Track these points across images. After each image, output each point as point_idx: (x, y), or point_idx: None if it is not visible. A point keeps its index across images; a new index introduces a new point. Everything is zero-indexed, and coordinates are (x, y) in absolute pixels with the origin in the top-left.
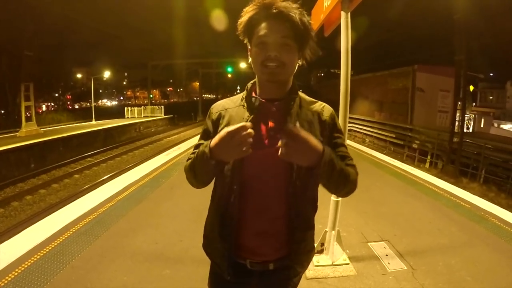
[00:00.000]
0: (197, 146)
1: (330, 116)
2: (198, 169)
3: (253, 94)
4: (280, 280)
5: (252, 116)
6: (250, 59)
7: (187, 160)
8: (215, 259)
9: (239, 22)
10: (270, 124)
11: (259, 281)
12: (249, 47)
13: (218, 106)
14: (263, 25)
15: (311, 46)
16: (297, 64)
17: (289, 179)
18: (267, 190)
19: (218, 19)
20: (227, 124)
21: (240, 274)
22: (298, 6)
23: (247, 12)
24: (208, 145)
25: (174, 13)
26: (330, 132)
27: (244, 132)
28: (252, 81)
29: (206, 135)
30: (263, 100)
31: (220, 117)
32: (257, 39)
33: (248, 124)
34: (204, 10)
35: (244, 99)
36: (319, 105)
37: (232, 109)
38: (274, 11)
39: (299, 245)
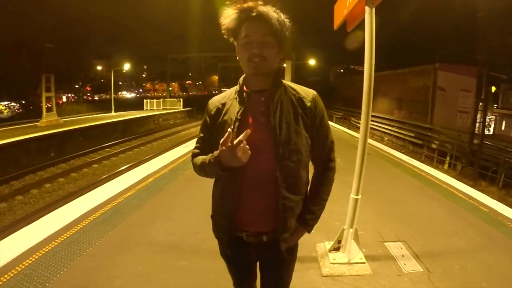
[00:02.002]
0: (199, 140)
1: (312, 100)
2: (209, 172)
3: (244, 88)
4: (273, 252)
5: (242, 108)
6: (237, 56)
7: (192, 155)
8: (219, 236)
9: (222, 24)
10: (260, 112)
11: (257, 254)
12: (236, 45)
13: (215, 102)
14: (246, 26)
15: (288, 44)
16: (279, 57)
17: (278, 161)
18: (260, 170)
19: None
20: (225, 115)
21: (238, 246)
22: (275, 9)
23: (229, 16)
24: (216, 158)
25: (192, 6)
26: (313, 117)
27: (235, 141)
28: (243, 76)
29: (206, 128)
30: (247, 91)
31: (217, 111)
32: (242, 39)
33: (230, 131)
34: (223, 3)
35: (236, 93)
36: (303, 91)
37: (227, 103)
38: (255, 14)
39: (287, 220)
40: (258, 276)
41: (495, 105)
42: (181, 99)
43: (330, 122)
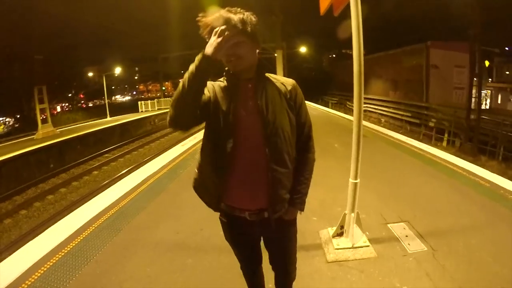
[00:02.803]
0: None
1: (292, 85)
2: (190, 80)
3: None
4: (275, 226)
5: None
6: None
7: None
8: (206, 197)
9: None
10: (248, 96)
11: (260, 230)
12: None
13: (209, 85)
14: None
15: (258, 34)
16: (255, 50)
17: (266, 137)
18: (252, 147)
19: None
20: (215, 97)
21: (241, 226)
22: (238, 9)
23: (204, 32)
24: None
25: (180, 4)
26: (294, 101)
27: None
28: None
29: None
30: (236, 78)
31: (214, 87)
32: None
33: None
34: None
35: (225, 80)
36: (284, 79)
37: (221, 85)
38: (220, 18)
39: (278, 191)
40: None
41: (490, 79)
42: None
43: (326, 108)
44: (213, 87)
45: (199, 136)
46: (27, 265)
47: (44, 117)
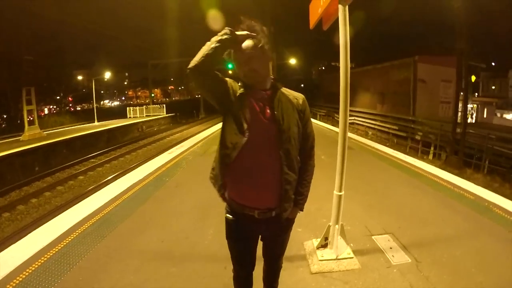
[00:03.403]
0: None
1: (302, 100)
2: (213, 43)
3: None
4: (278, 224)
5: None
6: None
7: None
8: (216, 186)
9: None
10: (265, 105)
11: (265, 227)
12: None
13: (235, 85)
14: (233, 49)
15: (270, 46)
16: (270, 64)
17: (281, 143)
18: (265, 152)
19: (215, 16)
20: (237, 98)
21: (248, 223)
22: (254, 23)
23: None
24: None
25: (170, 12)
26: (303, 114)
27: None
28: None
29: (227, 83)
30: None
31: (234, 88)
32: (234, 60)
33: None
34: (201, 6)
35: (243, 88)
36: (296, 94)
37: (237, 91)
38: (238, 36)
39: (288, 192)
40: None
41: (476, 94)
42: (164, 105)
43: (314, 120)
44: (232, 87)
45: (186, 144)
46: (8, 269)
47: (31, 118)
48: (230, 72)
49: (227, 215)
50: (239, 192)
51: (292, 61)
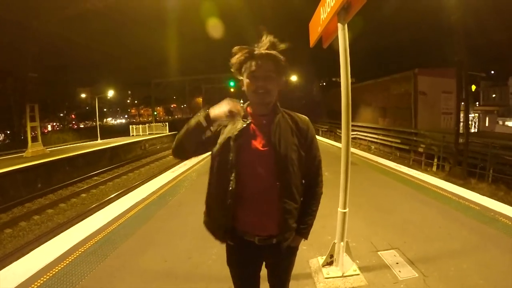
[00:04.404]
0: None
1: (305, 123)
2: (190, 130)
3: (248, 109)
4: (280, 251)
5: (245, 124)
6: (244, 88)
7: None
8: (215, 231)
9: (232, 62)
10: (262, 131)
11: (266, 255)
12: (241, 78)
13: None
14: (253, 63)
15: (286, 78)
16: (278, 89)
17: (278, 173)
18: (262, 181)
19: (218, 33)
20: (229, 131)
21: (249, 249)
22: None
23: (240, 56)
24: (206, 110)
25: (173, 31)
26: (305, 137)
27: (235, 110)
28: (247, 103)
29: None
30: (252, 114)
31: (219, 129)
32: (249, 73)
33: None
34: (203, 25)
35: (241, 116)
36: (297, 116)
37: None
38: (263, 53)
39: (288, 221)
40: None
41: (477, 103)
42: (167, 123)
43: (317, 136)
44: (225, 129)
45: (189, 163)
46: (10, 286)
47: (35, 135)
48: (232, 90)
49: (228, 241)
50: (240, 219)
51: (293, 78)
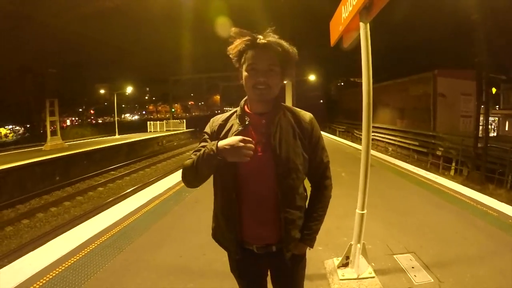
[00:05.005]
0: (198, 150)
1: (309, 122)
2: (200, 165)
3: (246, 108)
4: (283, 261)
5: (241, 128)
6: (242, 81)
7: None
8: (224, 243)
9: (229, 49)
10: (261, 132)
11: (267, 263)
12: (240, 69)
13: (218, 119)
14: (253, 54)
15: (293, 71)
16: (280, 84)
17: (278, 179)
18: (261, 187)
19: (233, 31)
20: (227, 133)
21: (249, 258)
22: (279, 37)
23: (240, 44)
24: (216, 144)
25: (190, 28)
26: (310, 138)
27: (249, 144)
28: (245, 98)
29: (205, 142)
30: (249, 113)
31: (220, 127)
32: (248, 66)
33: (250, 139)
34: (220, 24)
35: (238, 115)
36: (300, 114)
37: (230, 122)
38: (263, 42)
39: (290, 232)
40: None
41: (497, 106)
42: (184, 120)
43: (333, 136)
44: (219, 127)
45: None
46: (25, 276)
47: (54, 129)
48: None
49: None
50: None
51: (312, 77)
